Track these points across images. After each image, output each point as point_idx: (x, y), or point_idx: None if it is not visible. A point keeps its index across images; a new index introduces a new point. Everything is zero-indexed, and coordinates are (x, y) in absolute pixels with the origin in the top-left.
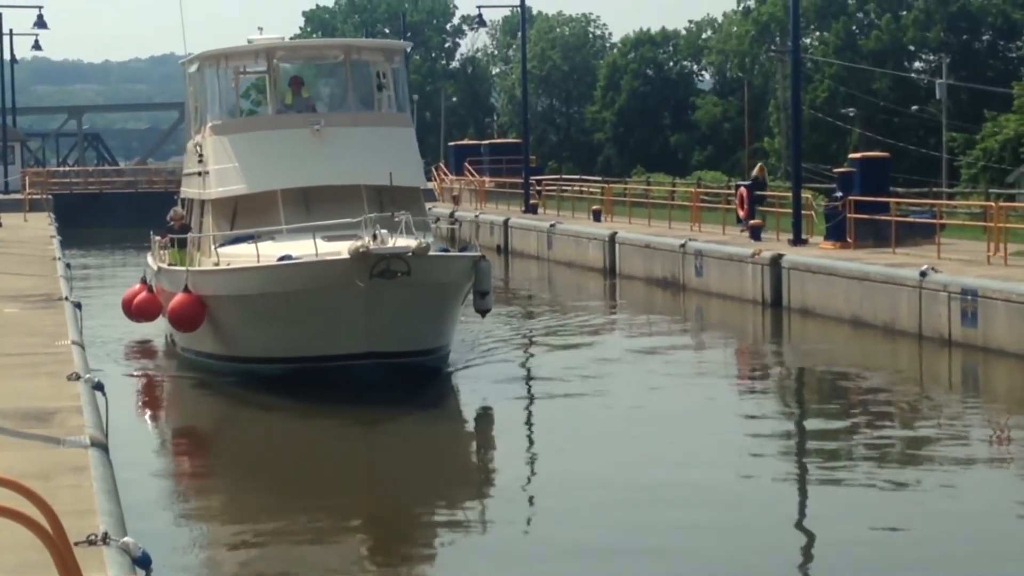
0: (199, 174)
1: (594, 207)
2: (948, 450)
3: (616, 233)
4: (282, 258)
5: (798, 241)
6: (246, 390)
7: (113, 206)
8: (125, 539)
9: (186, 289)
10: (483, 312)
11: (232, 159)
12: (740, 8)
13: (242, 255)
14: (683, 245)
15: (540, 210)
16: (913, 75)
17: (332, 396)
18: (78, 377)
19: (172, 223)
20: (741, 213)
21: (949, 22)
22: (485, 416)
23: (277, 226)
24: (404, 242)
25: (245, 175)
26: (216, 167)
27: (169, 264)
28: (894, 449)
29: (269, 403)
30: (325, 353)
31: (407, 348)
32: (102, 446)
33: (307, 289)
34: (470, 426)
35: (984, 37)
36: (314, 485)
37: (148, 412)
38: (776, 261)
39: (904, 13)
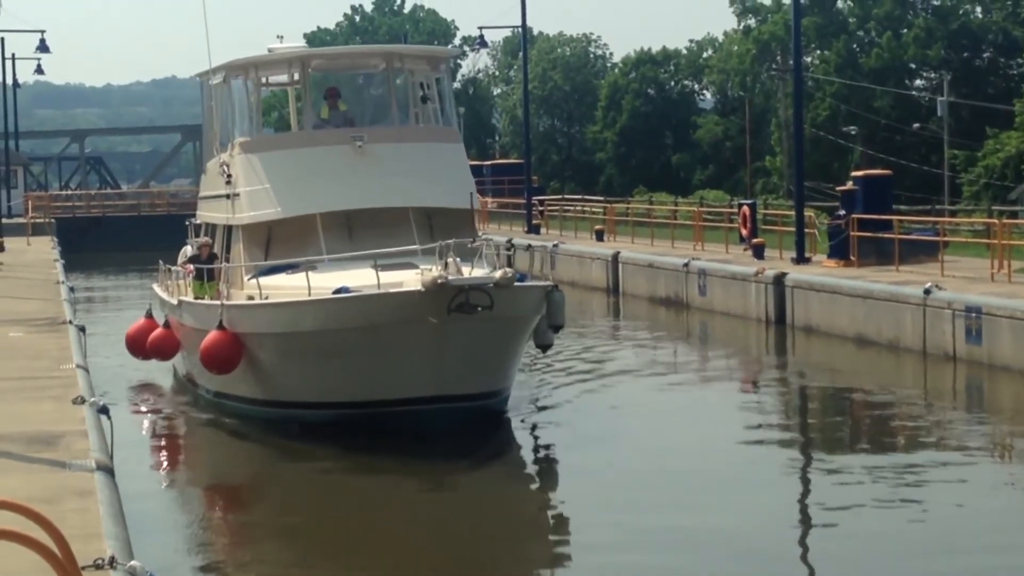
0: (227, 197)
1: (597, 227)
2: (953, 464)
3: (619, 252)
4: (338, 290)
5: (801, 259)
6: (281, 436)
7: (116, 230)
8: (132, 563)
9: (220, 326)
10: (546, 347)
11: (265, 180)
12: (741, 27)
13: (284, 287)
14: (686, 264)
15: (543, 230)
16: (914, 93)
17: (377, 443)
18: (83, 401)
19: (199, 252)
20: (744, 232)
21: (950, 40)
22: (551, 468)
23: (317, 254)
24: (479, 271)
25: (280, 198)
26: (247, 189)
27: (195, 297)
28: (898, 463)
29: (302, 447)
30: (386, 397)
31: (475, 390)
32: (108, 470)
33: (370, 326)
34: (539, 480)
35: (985, 54)
36: (344, 530)
37: (155, 436)
38: (780, 279)
39: (905, 31)
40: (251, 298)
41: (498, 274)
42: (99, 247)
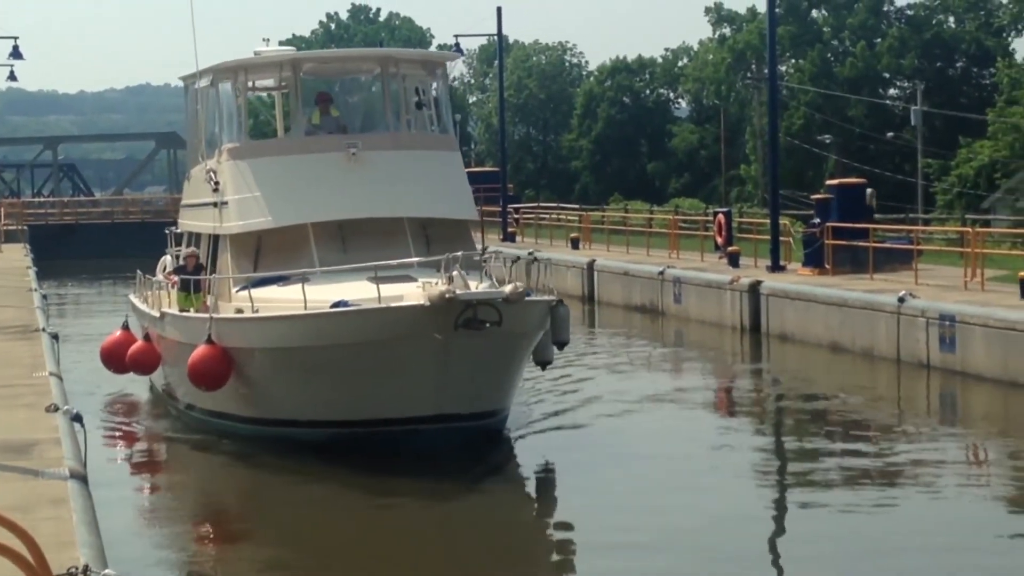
0: (214, 205)
1: (572, 235)
2: (925, 472)
3: (595, 260)
4: (336, 304)
5: (776, 267)
6: (268, 453)
7: (89, 237)
8: (106, 571)
9: (209, 340)
10: (545, 364)
11: (255, 188)
12: (716, 36)
13: (276, 300)
14: (662, 272)
15: (518, 238)
16: (888, 102)
17: (371, 462)
18: (56, 409)
19: (185, 263)
20: (719, 240)
21: (923, 49)
22: (552, 487)
23: (309, 266)
24: (483, 285)
25: (270, 206)
26: (235, 197)
27: (180, 310)
28: (871, 470)
29: (291, 464)
30: (385, 416)
31: (476, 409)
32: (81, 478)
33: (370, 341)
34: (540, 499)
35: (958, 64)
36: (333, 546)
37: (130, 446)
38: (755, 288)
39: (879, 41)
40: (240, 311)
41: (508, 288)
42: (72, 255)
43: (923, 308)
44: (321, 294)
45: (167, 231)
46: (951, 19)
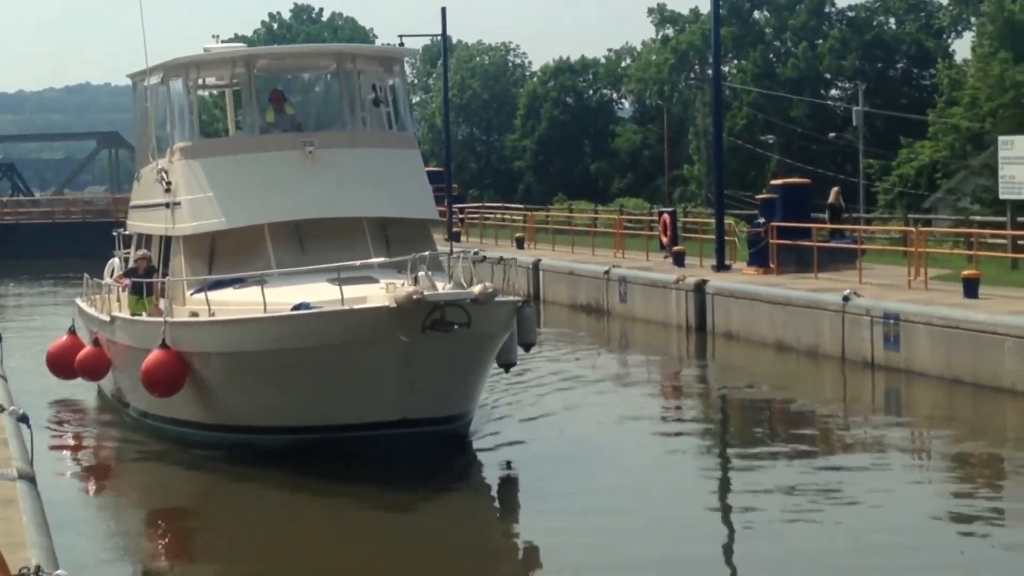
0: (166, 205)
1: (517, 235)
2: (870, 468)
3: (540, 260)
4: (297, 306)
5: (721, 267)
6: (224, 460)
7: (31, 237)
8: (58, 572)
9: (163, 345)
10: (509, 367)
11: (208, 188)
12: (659, 37)
13: (233, 302)
14: (607, 272)
15: (463, 238)
16: (830, 102)
17: (331, 468)
18: (2, 409)
19: (136, 265)
20: (664, 239)
21: (864, 51)
22: (515, 492)
23: (265, 267)
24: (447, 286)
25: (224, 207)
26: (188, 197)
27: (132, 314)
28: (816, 467)
29: (247, 470)
30: (347, 422)
31: (441, 414)
32: (30, 478)
33: (334, 344)
34: (504, 505)
35: (898, 65)
36: (288, 551)
37: (80, 447)
38: (700, 287)
39: (820, 42)
40: (195, 314)
41: (477, 289)
42: (13, 255)
43: (867, 307)
44: (280, 296)
45: (115, 233)
46: (892, 21)
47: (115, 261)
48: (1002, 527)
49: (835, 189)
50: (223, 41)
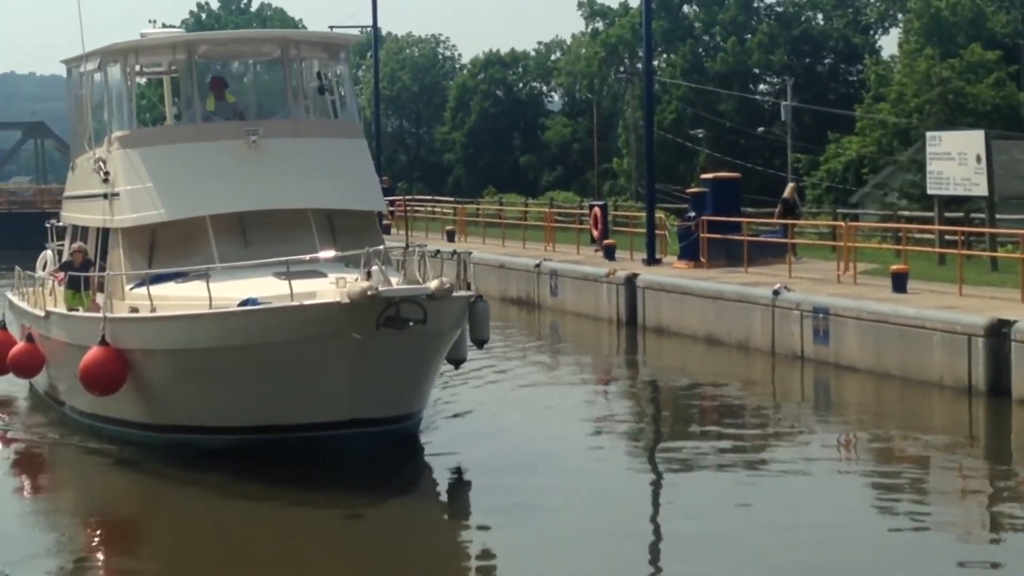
0: (104, 196)
1: (448, 227)
2: (798, 460)
3: (471, 253)
4: (244, 302)
5: (652, 261)
6: (166, 462)
7: None
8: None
9: (103, 342)
10: (459, 363)
11: (148, 178)
12: (589, 30)
13: (174, 297)
14: (538, 265)
15: (393, 231)
16: (758, 97)
17: (278, 471)
18: None
19: (72, 258)
20: (595, 233)
21: (792, 45)
22: (468, 494)
23: (208, 261)
24: (395, 280)
25: (165, 198)
26: (127, 188)
27: (69, 308)
28: (745, 459)
29: (191, 474)
30: (296, 422)
31: (393, 413)
32: None
33: (283, 342)
34: (458, 508)
35: (826, 60)
36: (234, 557)
37: (5, 445)
38: (631, 280)
39: (749, 37)
40: (135, 310)
41: (433, 284)
42: None
43: (797, 301)
44: (225, 291)
45: (48, 224)
46: (820, 16)
47: (48, 253)
48: (925, 517)
49: (791, 184)
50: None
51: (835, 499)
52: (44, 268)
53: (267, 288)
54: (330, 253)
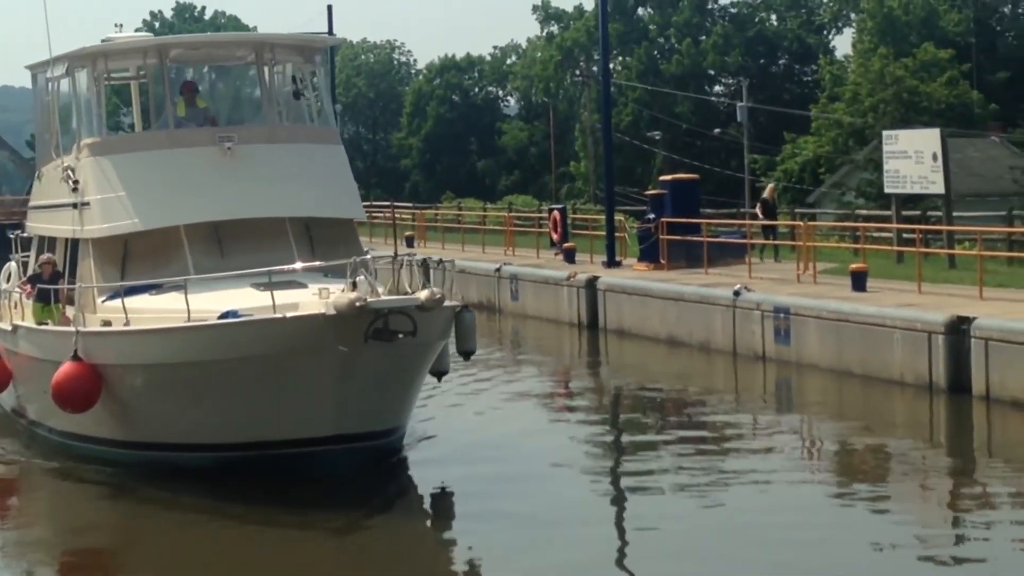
0: (73, 206)
1: (407, 233)
2: (760, 460)
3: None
4: (224, 315)
5: (612, 263)
6: (141, 481)
7: None
8: None
9: (75, 357)
10: (442, 375)
11: (119, 187)
12: (544, 34)
13: (149, 310)
14: (498, 269)
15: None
16: (714, 98)
17: (257, 489)
18: None
19: (41, 270)
20: (555, 236)
21: (747, 47)
22: (452, 511)
23: (183, 272)
24: (376, 289)
25: (138, 207)
26: (98, 197)
27: (38, 322)
28: (708, 461)
29: (167, 494)
30: (277, 438)
31: (377, 428)
32: None
33: (265, 355)
34: (443, 525)
35: (781, 61)
36: None
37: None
38: (591, 283)
39: (704, 38)
40: (107, 323)
41: (423, 294)
42: None
43: (758, 301)
44: (203, 303)
45: (11, 235)
46: (773, 17)
47: (12, 265)
48: (887, 515)
49: (770, 185)
50: (104, 39)
51: (795, 499)
52: (8, 280)
53: (246, 299)
54: (315, 263)
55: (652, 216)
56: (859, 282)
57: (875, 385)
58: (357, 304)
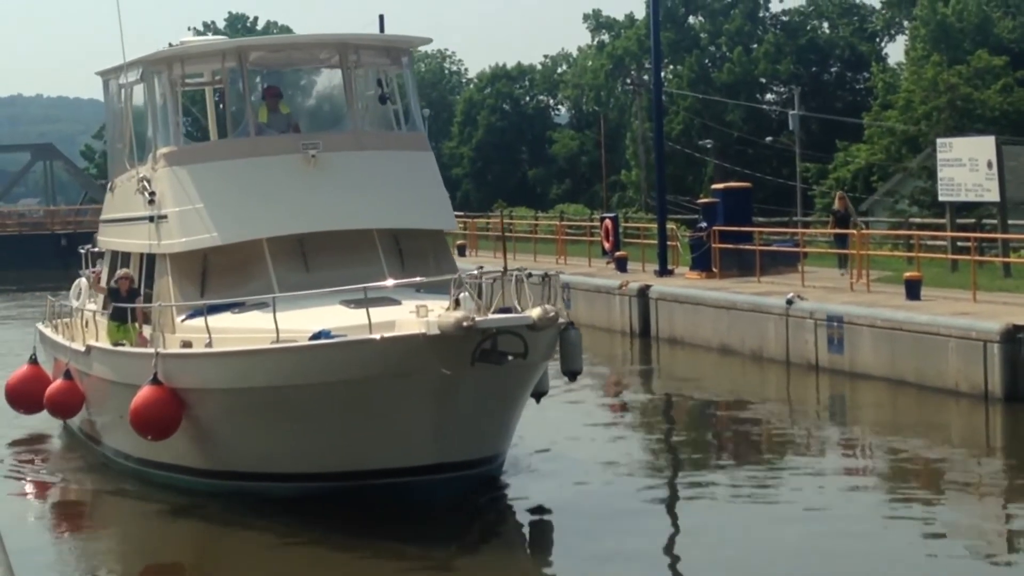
0: (149, 219)
1: (459, 242)
2: (815, 471)
3: (482, 267)
4: (316, 335)
5: (664, 272)
6: (225, 509)
7: None
8: None
9: (155, 380)
10: (540, 396)
11: (198, 198)
12: (595, 43)
13: (232, 330)
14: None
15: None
16: (765, 107)
17: (352, 519)
18: None
19: (118, 286)
20: (607, 245)
21: (799, 55)
22: (550, 540)
23: (265, 288)
24: (484, 307)
25: (218, 220)
26: (176, 210)
27: (114, 343)
28: (762, 470)
29: (254, 521)
30: (373, 467)
31: (479, 455)
32: None
33: (360, 379)
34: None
35: (833, 69)
36: None
37: (42, 492)
38: (643, 292)
39: (755, 46)
40: (187, 344)
41: (535, 312)
42: None
43: (811, 310)
44: (290, 322)
45: (82, 250)
46: (825, 25)
47: (83, 281)
48: (943, 526)
49: (839, 194)
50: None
51: (851, 509)
52: (79, 297)
53: (337, 318)
54: (419, 279)
55: (704, 225)
56: (913, 290)
57: (929, 394)
58: (464, 324)
